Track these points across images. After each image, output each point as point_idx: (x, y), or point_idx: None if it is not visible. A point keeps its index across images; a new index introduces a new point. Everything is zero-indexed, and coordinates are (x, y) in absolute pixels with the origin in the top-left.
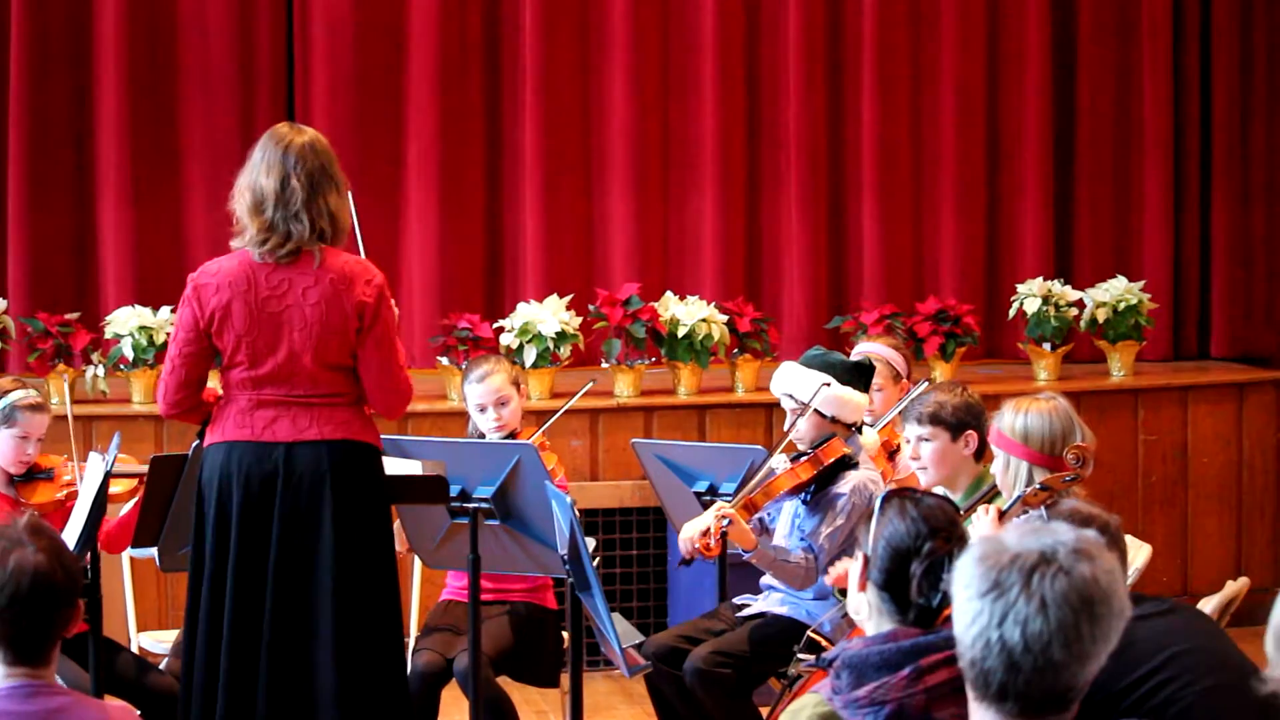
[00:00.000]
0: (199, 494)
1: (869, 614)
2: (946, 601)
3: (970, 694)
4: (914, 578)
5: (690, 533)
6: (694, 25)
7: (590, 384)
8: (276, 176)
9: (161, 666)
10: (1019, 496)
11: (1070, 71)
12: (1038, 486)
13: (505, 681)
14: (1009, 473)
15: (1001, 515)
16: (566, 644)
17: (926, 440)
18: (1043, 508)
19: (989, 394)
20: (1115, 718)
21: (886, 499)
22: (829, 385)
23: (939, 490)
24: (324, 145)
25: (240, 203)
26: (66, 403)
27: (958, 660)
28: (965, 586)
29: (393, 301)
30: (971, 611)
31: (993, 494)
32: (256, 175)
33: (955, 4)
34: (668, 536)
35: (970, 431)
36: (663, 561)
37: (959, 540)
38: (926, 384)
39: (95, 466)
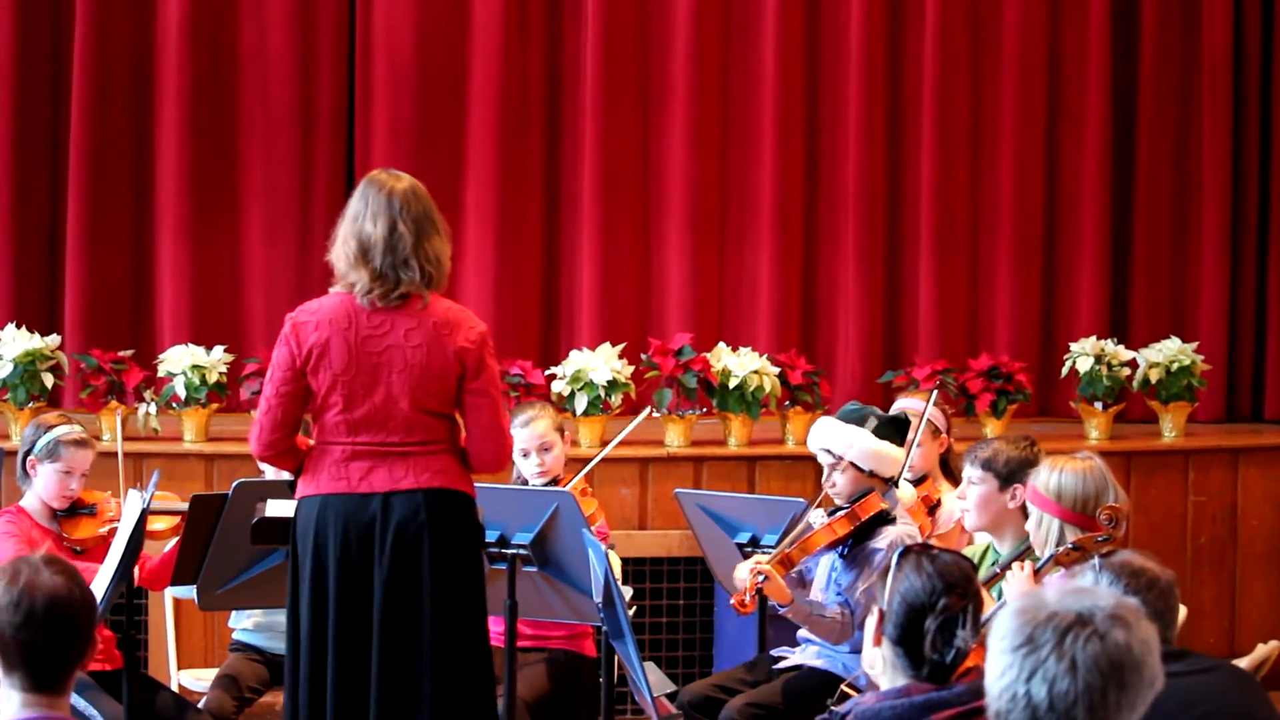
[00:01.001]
0: (293, 548)
1: (883, 668)
2: (960, 657)
3: None
4: (928, 633)
5: (737, 580)
6: (754, 78)
7: (646, 412)
8: (385, 223)
9: (200, 705)
10: (1051, 555)
11: (1130, 131)
12: (1069, 546)
13: None
14: (1041, 529)
15: (1036, 573)
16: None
17: (975, 484)
18: (1097, 558)
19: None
20: None
21: (903, 554)
22: (874, 438)
23: (982, 536)
24: (424, 191)
25: (342, 251)
26: (118, 439)
27: (977, 714)
28: (1000, 638)
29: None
30: (1003, 664)
31: (1030, 551)
32: (361, 223)
33: (1016, 62)
34: (715, 587)
35: (1019, 485)
36: (709, 611)
37: (974, 597)
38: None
39: (133, 503)
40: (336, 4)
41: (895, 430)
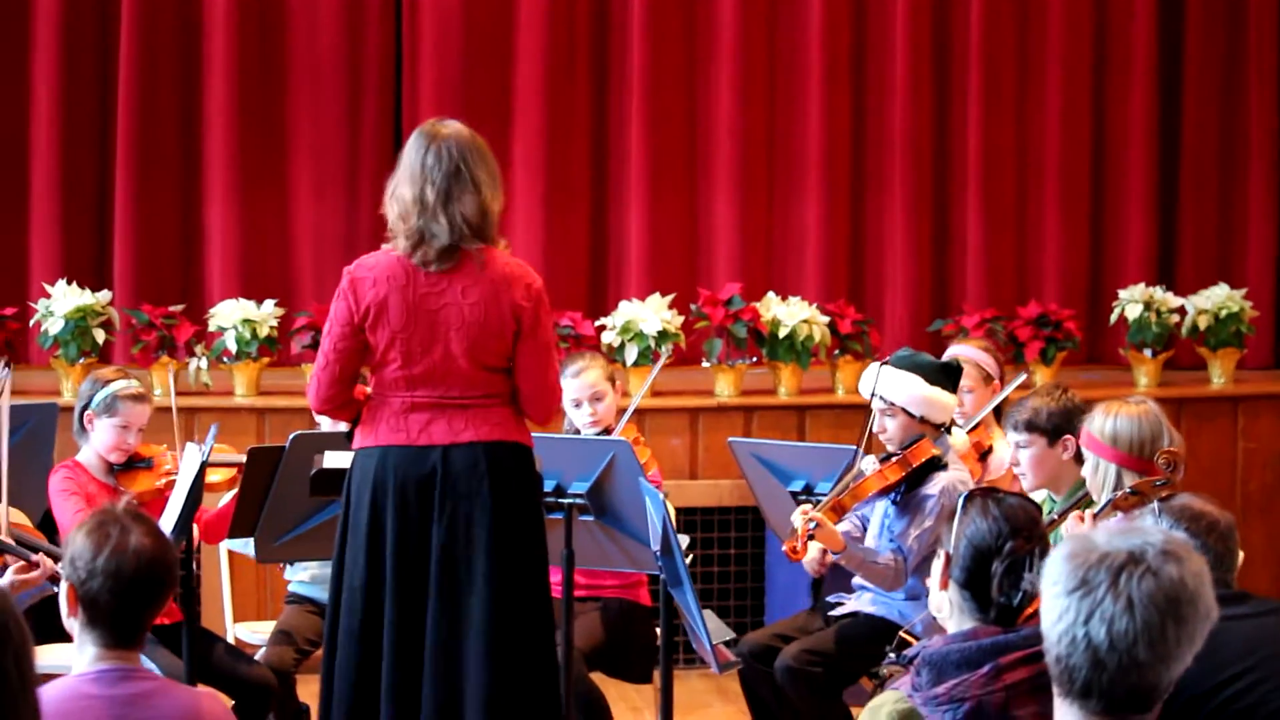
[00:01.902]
0: (346, 499)
1: (950, 612)
2: (1027, 600)
3: (1055, 690)
4: (995, 576)
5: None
6: (801, 27)
7: (665, 357)
8: (416, 185)
9: (257, 656)
10: (1109, 500)
11: (1176, 77)
12: (1128, 490)
13: (599, 678)
14: (1098, 475)
15: (1094, 518)
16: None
17: (1024, 447)
18: (1156, 502)
19: (1089, 399)
20: (1202, 719)
21: (969, 498)
22: (928, 385)
23: (1041, 495)
24: (466, 141)
25: (390, 210)
26: (171, 394)
27: (1043, 656)
28: (1054, 583)
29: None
30: (1059, 608)
31: (1088, 498)
32: (399, 182)
33: (1062, 9)
34: (766, 535)
35: (1068, 436)
36: (760, 560)
37: (1040, 540)
38: (1023, 378)
39: (192, 456)
40: None
41: (947, 376)
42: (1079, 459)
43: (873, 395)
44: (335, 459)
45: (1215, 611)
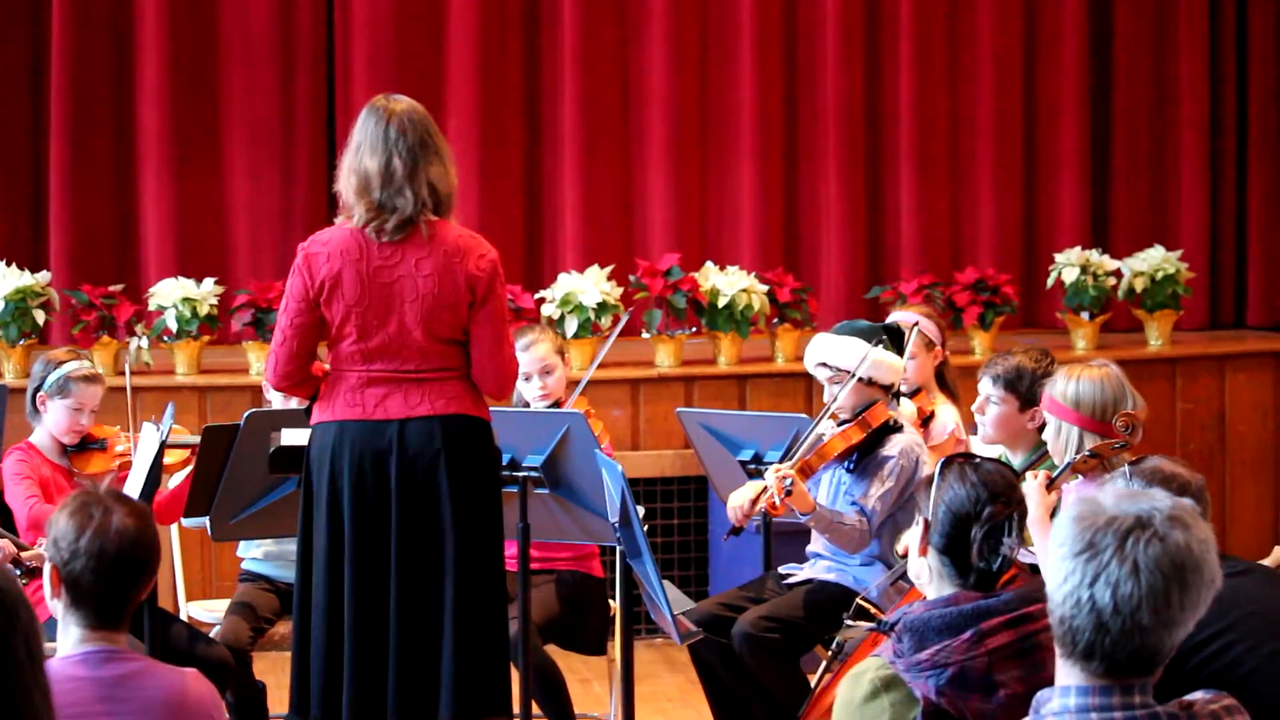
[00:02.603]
0: (306, 474)
1: (929, 578)
2: (1006, 565)
3: (1057, 651)
4: (974, 542)
5: (739, 501)
6: None
7: (624, 320)
8: (380, 155)
9: (213, 634)
10: (1069, 463)
11: (1107, 40)
12: (1087, 453)
13: (552, 650)
14: (1060, 438)
15: (1052, 481)
16: (612, 611)
17: (995, 403)
18: (1126, 465)
19: None
20: (1180, 678)
21: (946, 464)
22: (875, 346)
23: (993, 449)
24: (421, 115)
25: (345, 185)
26: (127, 375)
27: (1025, 620)
28: (1060, 544)
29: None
30: (1064, 570)
31: (1046, 459)
32: (361, 156)
33: None
34: (709, 506)
35: (1038, 408)
36: (704, 531)
37: (1018, 504)
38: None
39: (150, 436)
40: None
41: (892, 339)
42: (1043, 428)
43: (820, 364)
44: (293, 436)
45: (1219, 579)
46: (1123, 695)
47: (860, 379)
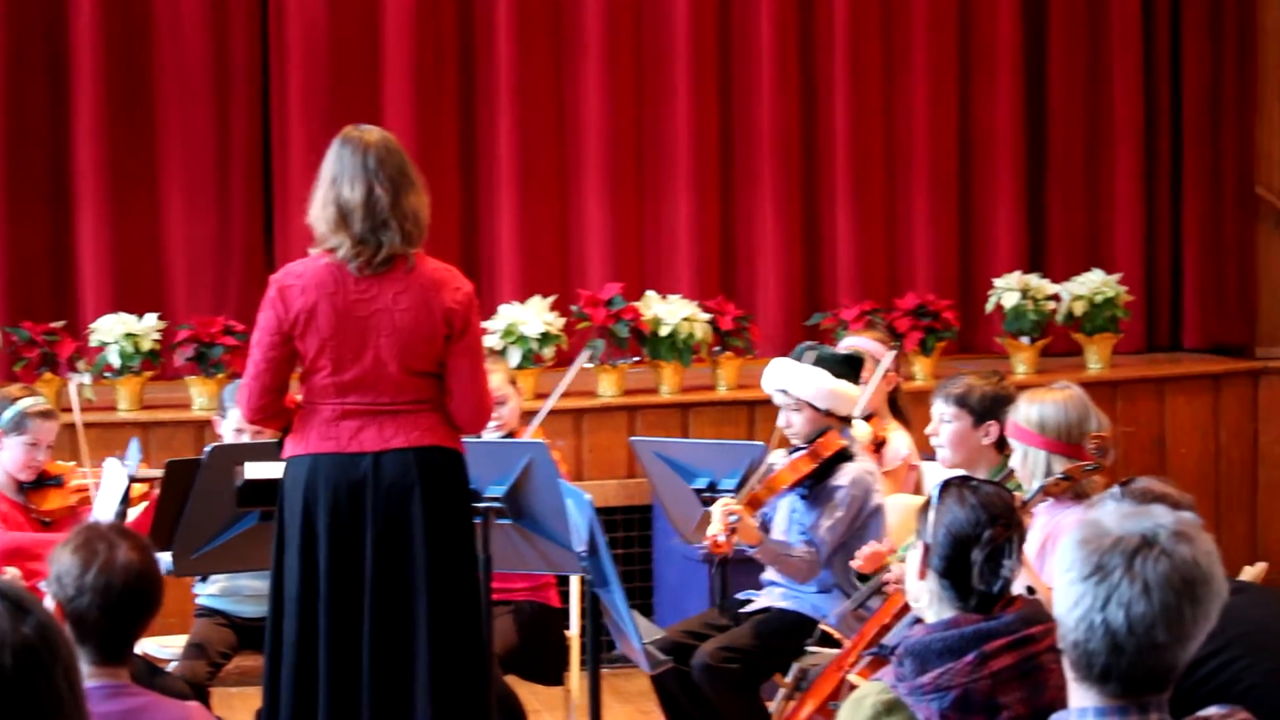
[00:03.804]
0: (279, 508)
1: (929, 601)
2: (1007, 587)
3: (1071, 675)
4: (975, 564)
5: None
6: (667, 27)
7: (587, 352)
8: (361, 186)
9: (169, 669)
10: (1040, 487)
11: (1041, 67)
12: (1059, 476)
13: (511, 680)
14: (1028, 464)
15: (1023, 505)
16: (569, 641)
17: (948, 422)
18: (1117, 488)
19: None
20: (1178, 696)
21: (945, 487)
22: (832, 378)
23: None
24: (396, 144)
25: (322, 216)
26: (75, 411)
27: (1027, 642)
28: (1067, 570)
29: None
30: (1074, 595)
31: (1006, 481)
32: (340, 187)
33: (926, 3)
34: (653, 535)
35: (993, 422)
36: (648, 560)
37: (1018, 526)
38: (893, 351)
39: (115, 472)
40: None
41: (850, 368)
42: (998, 446)
43: (779, 391)
44: (259, 470)
45: (1226, 590)
46: (1140, 714)
47: (816, 408)
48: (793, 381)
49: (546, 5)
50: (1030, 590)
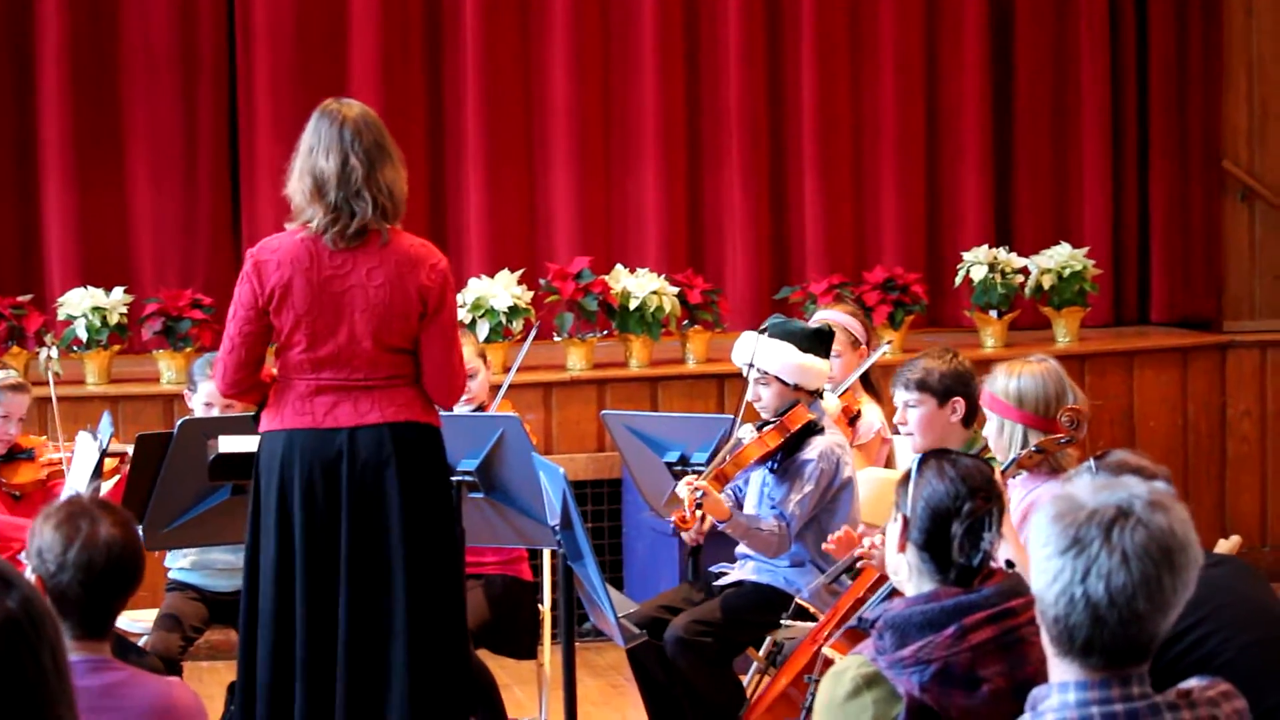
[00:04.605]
0: (255, 482)
1: (908, 575)
2: (987, 560)
3: (1051, 650)
4: (955, 538)
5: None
6: (633, 1)
7: (535, 329)
8: (336, 157)
9: (140, 644)
10: (1014, 459)
11: (1008, 39)
12: (1033, 449)
13: (482, 654)
14: (1003, 436)
15: (1002, 476)
16: (541, 615)
17: (913, 406)
18: (1092, 460)
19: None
20: (1157, 670)
21: (924, 460)
22: (801, 352)
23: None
24: (375, 118)
25: (299, 187)
26: (50, 383)
27: (1007, 615)
28: (1043, 545)
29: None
30: (1053, 569)
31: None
32: (315, 158)
33: None
34: (623, 509)
35: (958, 398)
36: (617, 534)
37: (998, 499)
38: (888, 344)
39: (87, 445)
40: None
41: (819, 342)
42: (965, 422)
43: (748, 365)
44: (231, 443)
45: (1202, 557)
46: (1121, 687)
47: (785, 382)
48: (761, 356)
49: None
50: (1010, 564)
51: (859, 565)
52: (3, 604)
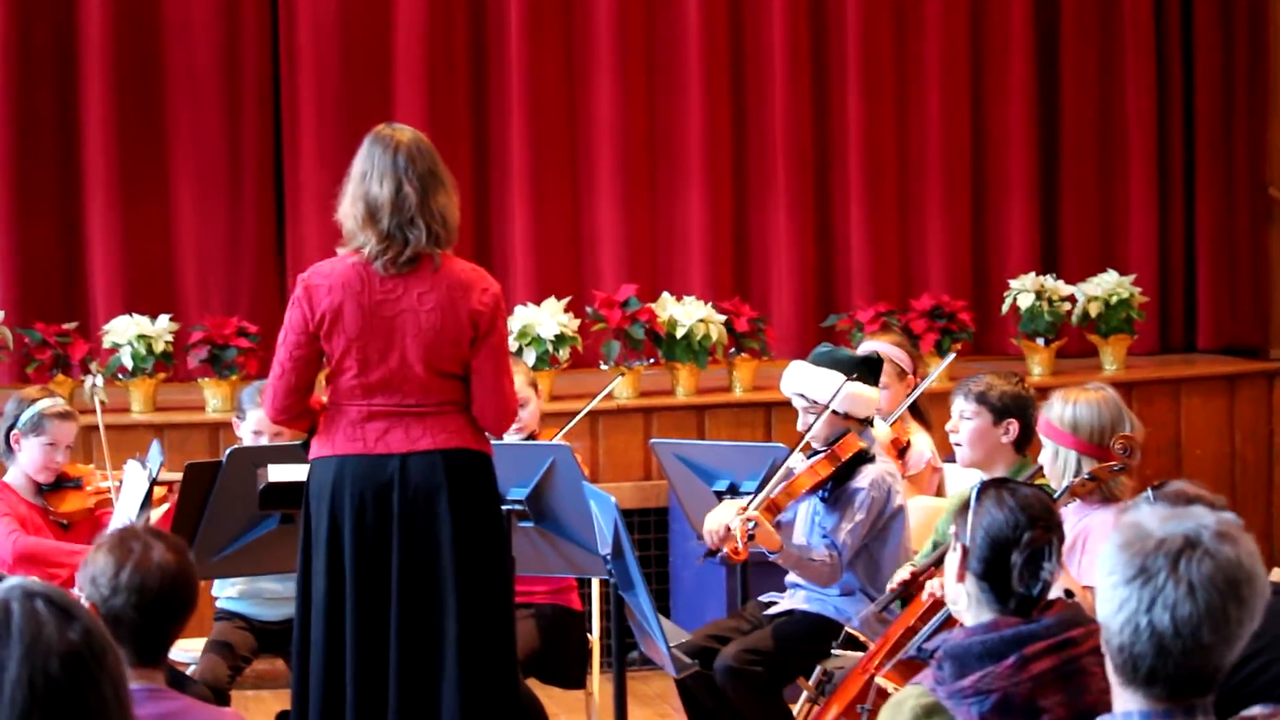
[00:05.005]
0: (306, 510)
1: (967, 605)
2: (1046, 590)
3: (1115, 679)
4: (1014, 567)
5: (714, 525)
6: (679, 27)
7: (618, 380)
8: (390, 183)
9: (189, 673)
10: (1067, 486)
11: (1054, 66)
12: (1085, 477)
13: (532, 684)
14: (1058, 463)
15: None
16: (590, 644)
17: (968, 419)
18: (1150, 490)
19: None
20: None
21: (983, 489)
22: (850, 380)
23: (971, 474)
24: (427, 144)
25: (351, 212)
26: (98, 411)
27: (1068, 645)
28: (1110, 573)
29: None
30: (1119, 598)
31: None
32: (369, 184)
33: (939, 4)
34: (670, 538)
35: (1013, 420)
36: (664, 563)
37: (1057, 529)
38: (953, 354)
39: (136, 474)
40: None
41: (869, 371)
42: (1018, 446)
43: (797, 394)
44: (281, 472)
45: (1268, 589)
46: (1185, 717)
47: (836, 411)
48: (810, 385)
49: (558, 6)
50: (1069, 593)
51: (911, 594)
52: (65, 636)
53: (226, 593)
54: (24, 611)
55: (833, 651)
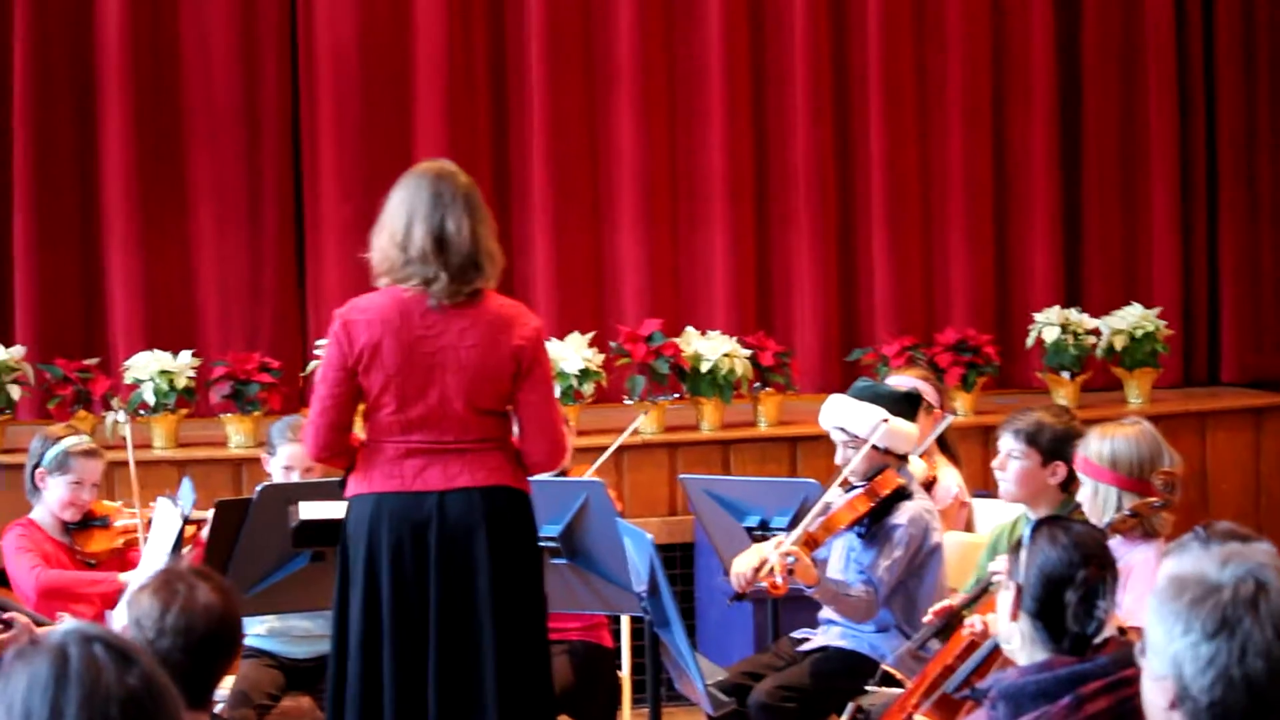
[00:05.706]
0: (343, 546)
1: (1021, 644)
2: (1101, 629)
3: None
4: (1069, 606)
5: (742, 568)
6: (700, 58)
7: (642, 416)
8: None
9: (217, 711)
10: (1108, 523)
11: (1076, 98)
12: (1126, 513)
13: None
14: (1097, 499)
15: None
16: (620, 681)
17: (1016, 458)
18: (1199, 528)
19: None
20: None
21: (1037, 528)
22: (886, 420)
23: (1013, 509)
24: (468, 180)
25: (388, 249)
26: (128, 447)
27: (1123, 685)
28: (1185, 633)
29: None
30: (1206, 654)
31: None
32: (410, 221)
33: (960, 34)
34: (695, 573)
35: (1060, 463)
36: (690, 599)
37: (1111, 567)
38: (950, 420)
39: (168, 512)
40: (278, 1)
41: (909, 406)
42: (1063, 486)
43: (837, 428)
44: (312, 510)
45: None
46: None
47: (875, 446)
48: (851, 419)
49: (579, 37)
50: (1122, 631)
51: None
52: (124, 681)
53: (255, 629)
54: (82, 656)
55: (868, 689)
